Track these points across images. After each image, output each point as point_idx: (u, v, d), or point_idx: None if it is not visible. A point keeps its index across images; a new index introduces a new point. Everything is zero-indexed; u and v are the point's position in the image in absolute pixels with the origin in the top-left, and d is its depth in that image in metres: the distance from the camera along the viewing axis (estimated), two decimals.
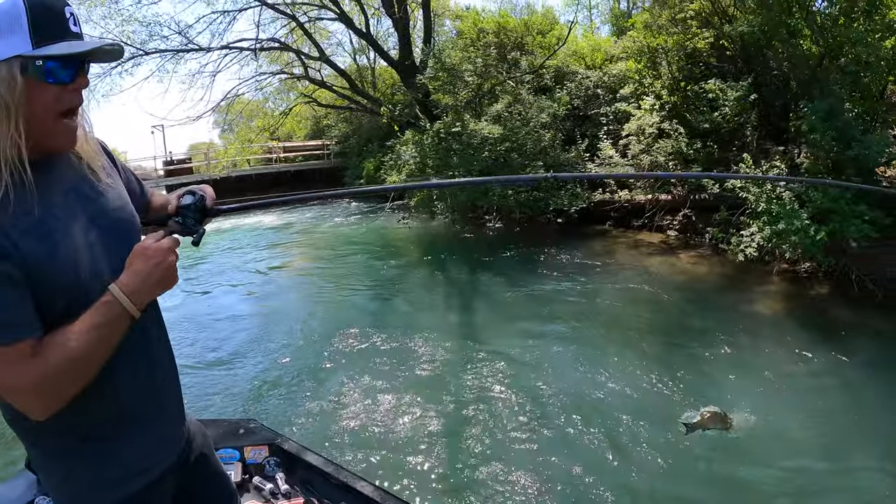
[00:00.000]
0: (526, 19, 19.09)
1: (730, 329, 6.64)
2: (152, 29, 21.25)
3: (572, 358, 6.12)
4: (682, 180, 11.21)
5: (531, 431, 4.60)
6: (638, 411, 4.84)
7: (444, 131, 14.23)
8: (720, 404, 4.80)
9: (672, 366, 5.77)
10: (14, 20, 1.17)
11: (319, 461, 3.07)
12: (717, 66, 12.20)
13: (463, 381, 5.68)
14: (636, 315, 7.43)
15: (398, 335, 7.21)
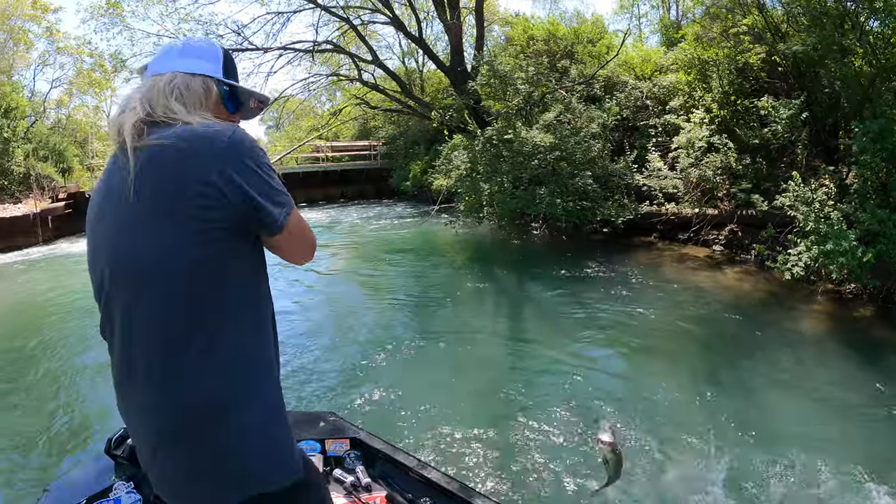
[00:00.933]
0: (576, 28, 19.21)
1: (773, 347, 6.73)
2: (208, 28, 21.88)
3: (617, 370, 6.31)
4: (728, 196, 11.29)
5: (577, 440, 4.75)
6: (679, 425, 4.97)
7: (496, 137, 14.41)
8: (761, 422, 4.94)
9: (715, 381, 5.90)
10: (213, 53, 1.69)
11: (402, 456, 3.08)
12: (767, 82, 12.21)
13: (512, 387, 5.87)
14: (680, 329, 7.54)
15: (446, 340, 7.49)
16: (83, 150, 29.53)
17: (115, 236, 1.43)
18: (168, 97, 1.49)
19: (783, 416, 5.19)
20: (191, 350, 1.37)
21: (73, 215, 22.40)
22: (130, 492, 2.90)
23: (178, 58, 1.61)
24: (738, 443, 4.67)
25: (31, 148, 24.36)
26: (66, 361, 7.65)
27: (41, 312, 10.75)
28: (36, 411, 6.14)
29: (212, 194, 1.35)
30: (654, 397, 5.55)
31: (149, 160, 1.37)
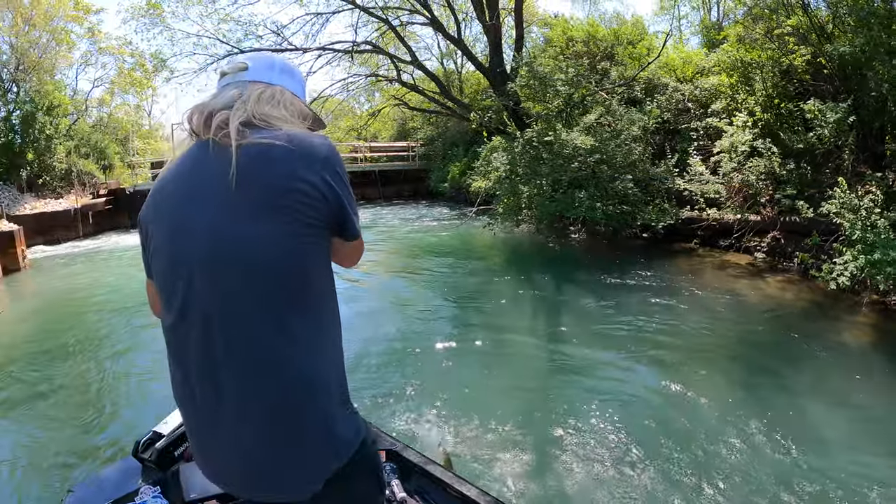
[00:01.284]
0: (616, 29, 19.07)
1: (817, 360, 6.63)
2: (248, 28, 22.24)
3: (655, 377, 6.24)
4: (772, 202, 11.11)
5: (615, 448, 4.73)
6: (719, 438, 4.91)
7: (536, 139, 14.36)
8: (803, 437, 4.86)
9: (756, 393, 5.83)
10: (300, 76, 1.83)
11: (438, 471, 3.03)
12: (812, 85, 11.99)
13: (549, 398, 5.87)
14: (720, 338, 7.46)
15: (483, 346, 7.50)
16: (124, 147, 30.30)
17: (214, 221, 1.47)
18: (276, 107, 1.62)
19: (827, 431, 5.10)
20: (283, 333, 1.47)
21: (114, 211, 23.07)
22: (157, 496, 2.90)
23: (280, 73, 1.73)
24: (779, 458, 4.61)
25: (72, 145, 25.08)
26: (98, 359, 7.82)
27: (77, 307, 11.04)
28: (65, 408, 6.26)
29: (313, 194, 1.47)
30: (693, 409, 5.50)
31: (256, 156, 1.46)
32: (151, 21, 22.63)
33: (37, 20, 25.23)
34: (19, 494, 4.68)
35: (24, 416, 6.14)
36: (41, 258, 16.67)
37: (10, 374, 7.33)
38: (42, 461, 5.14)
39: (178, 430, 3.23)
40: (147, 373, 7.10)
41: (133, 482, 3.00)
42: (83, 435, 5.61)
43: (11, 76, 24.35)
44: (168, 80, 23.91)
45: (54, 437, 5.59)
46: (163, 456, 3.09)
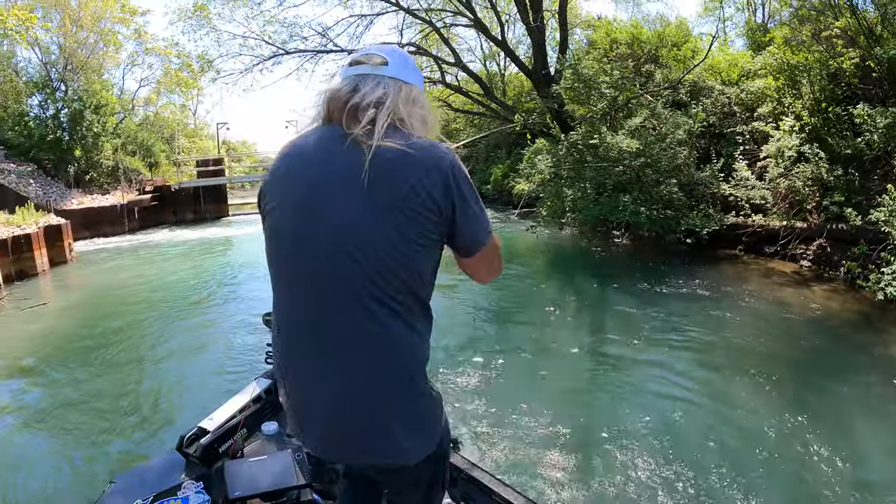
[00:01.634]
0: (659, 31, 18.92)
1: (863, 372, 6.57)
2: (292, 30, 22.53)
3: (698, 389, 6.25)
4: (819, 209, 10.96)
5: (657, 457, 4.76)
6: (762, 450, 4.92)
7: (581, 143, 14.34)
8: (849, 452, 4.84)
9: (798, 403, 5.83)
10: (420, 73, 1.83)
11: (482, 476, 3.03)
12: (860, 88, 11.79)
13: (590, 404, 5.98)
14: (764, 347, 7.42)
15: (525, 350, 7.64)
16: (169, 145, 31.00)
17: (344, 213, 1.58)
18: (415, 109, 1.71)
19: (873, 446, 5.06)
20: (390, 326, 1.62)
21: (159, 208, 23.80)
22: (199, 492, 2.92)
23: (413, 71, 1.78)
24: (822, 471, 4.60)
25: (119, 142, 25.87)
26: (142, 352, 8.12)
27: (122, 301, 11.44)
28: (110, 400, 6.48)
29: (430, 205, 1.55)
30: (736, 421, 5.51)
31: (390, 160, 1.56)
32: (198, 22, 23.09)
33: (84, 21, 26.02)
34: (63, 482, 4.87)
35: (69, 405, 6.38)
36: (87, 252, 17.26)
37: (56, 363, 7.66)
38: (85, 451, 5.35)
39: (223, 426, 3.32)
40: (192, 368, 7.38)
41: (176, 476, 3.03)
42: (127, 427, 5.80)
43: (60, 75, 25.18)
44: (214, 80, 24.35)
45: (98, 427, 5.80)
46: (207, 452, 3.16)
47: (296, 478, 2.86)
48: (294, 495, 2.86)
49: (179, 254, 16.85)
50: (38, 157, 23.22)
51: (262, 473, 2.89)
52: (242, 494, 2.76)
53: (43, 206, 17.52)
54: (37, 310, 10.45)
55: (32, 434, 5.75)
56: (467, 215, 1.61)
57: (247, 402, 3.55)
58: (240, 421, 3.38)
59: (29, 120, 23.47)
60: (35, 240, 13.71)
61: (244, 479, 2.84)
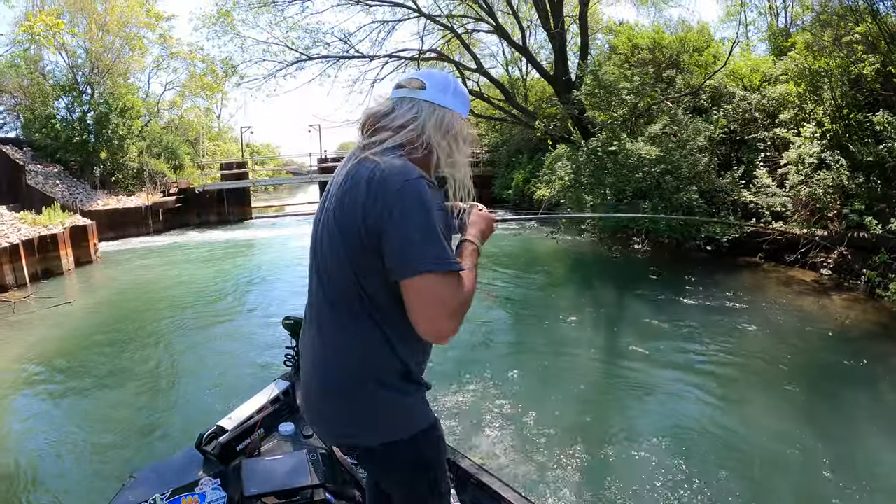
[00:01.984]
0: (681, 36, 18.83)
1: (880, 384, 6.56)
2: (315, 36, 22.73)
3: (713, 398, 6.24)
4: (840, 216, 10.85)
5: (668, 466, 4.76)
6: (775, 463, 4.92)
7: (601, 149, 14.34)
8: (864, 466, 4.82)
9: (815, 417, 5.80)
10: (466, 99, 1.94)
11: (493, 481, 3.04)
12: (882, 94, 11.67)
13: (603, 410, 6.00)
14: (781, 356, 7.38)
15: (540, 355, 7.70)
16: (194, 148, 31.43)
17: (327, 217, 1.77)
18: (448, 140, 1.83)
19: (887, 458, 5.01)
20: (350, 326, 1.75)
21: (183, 210, 24.25)
22: (216, 488, 2.99)
23: (453, 95, 1.86)
24: (836, 485, 4.58)
25: (144, 145, 26.34)
26: (163, 351, 8.30)
27: (145, 300, 11.70)
28: (131, 397, 6.65)
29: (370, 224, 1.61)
30: (750, 431, 5.50)
31: (360, 174, 1.70)
32: (222, 29, 23.38)
33: (110, 26, 26.49)
34: (83, 476, 5.03)
35: (92, 401, 6.59)
36: (112, 252, 17.61)
37: (79, 361, 7.87)
38: (106, 447, 5.51)
39: (241, 425, 3.40)
40: (212, 368, 7.53)
41: (194, 473, 3.12)
42: (148, 424, 5.97)
43: (86, 79, 25.66)
44: (238, 85, 24.68)
45: (120, 424, 5.96)
46: (225, 450, 3.24)
47: (310, 477, 2.94)
48: (308, 494, 2.91)
49: (203, 255, 17.07)
50: (65, 159, 23.73)
51: (277, 472, 2.98)
52: (258, 492, 2.84)
53: (69, 207, 17.85)
54: (62, 308, 10.68)
55: (55, 429, 5.91)
56: (399, 236, 1.58)
57: (265, 402, 3.64)
58: (257, 421, 3.46)
59: (56, 122, 24.00)
60: (61, 240, 14.04)
61: (260, 477, 2.93)
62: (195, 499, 2.96)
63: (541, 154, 20.36)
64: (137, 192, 24.56)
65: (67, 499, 4.69)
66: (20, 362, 7.79)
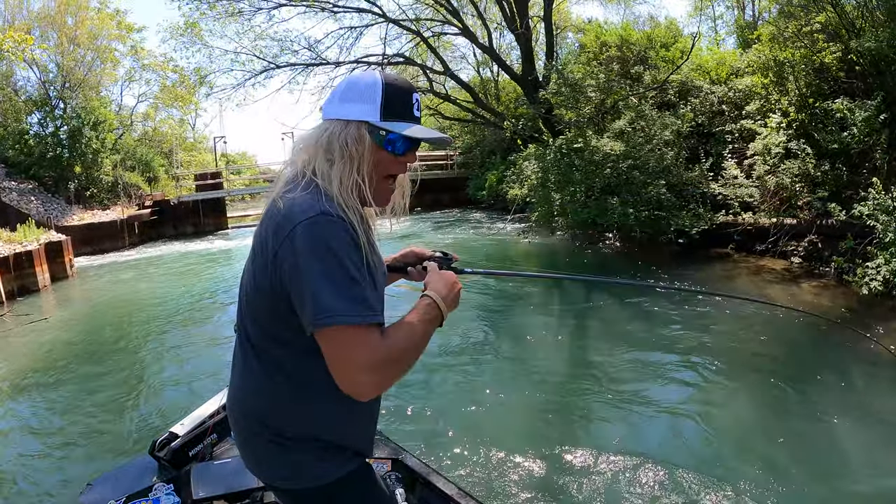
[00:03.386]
0: (649, 32, 18.95)
1: (847, 367, 6.51)
2: (283, 44, 22.86)
3: (681, 390, 6.21)
4: (808, 205, 10.86)
5: (634, 462, 4.68)
6: (743, 450, 4.89)
7: (567, 147, 14.34)
8: (829, 452, 4.81)
9: (782, 405, 5.76)
10: (372, 93, 1.59)
11: (442, 482, 3.05)
12: (845, 82, 11.72)
13: (565, 411, 5.88)
14: (751, 344, 7.37)
15: (504, 355, 7.60)
16: (168, 160, 31.40)
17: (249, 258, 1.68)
18: (317, 155, 1.59)
19: (855, 444, 4.97)
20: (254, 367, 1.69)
21: (158, 222, 24.19)
22: (170, 493, 3.05)
23: (338, 102, 1.62)
24: (804, 473, 4.52)
25: (118, 158, 26.34)
26: (129, 363, 8.24)
27: (118, 315, 11.61)
28: (95, 408, 6.59)
29: (272, 262, 1.50)
30: (719, 421, 5.46)
31: (269, 210, 1.57)
32: (190, 39, 23.38)
33: (81, 39, 26.45)
34: (41, 484, 4.96)
35: (56, 414, 6.54)
36: (88, 267, 17.47)
37: (50, 376, 7.78)
38: (63, 456, 5.49)
39: (193, 431, 3.45)
40: (171, 377, 7.56)
41: (148, 479, 3.17)
42: (107, 433, 5.93)
43: (58, 93, 25.56)
44: (208, 95, 24.72)
45: (80, 434, 5.94)
46: (177, 455, 3.30)
47: (257, 480, 2.91)
48: (258, 497, 2.94)
49: (179, 268, 16.93)
50: (39, 175, 23.63)
51: (226, 475, 3.04)
52: (206, 495, 2.91)
53: (44, 223, 17.72)
54: (38, 324, 10.58)
55: (14, 440, 5.91)
56: (301, 286, 1.45)
57: (216, 408, 3.69)
58: (209, 426, 3.53)
59: (29, 138, 23.95)
60: (36, 256, 13.85)
61: (209, 480, 3.00)
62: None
63: (513, 154, 20.38)
64: (112, 205, 24.47)
65: None
66: None
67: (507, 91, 27.95)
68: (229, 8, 21.72)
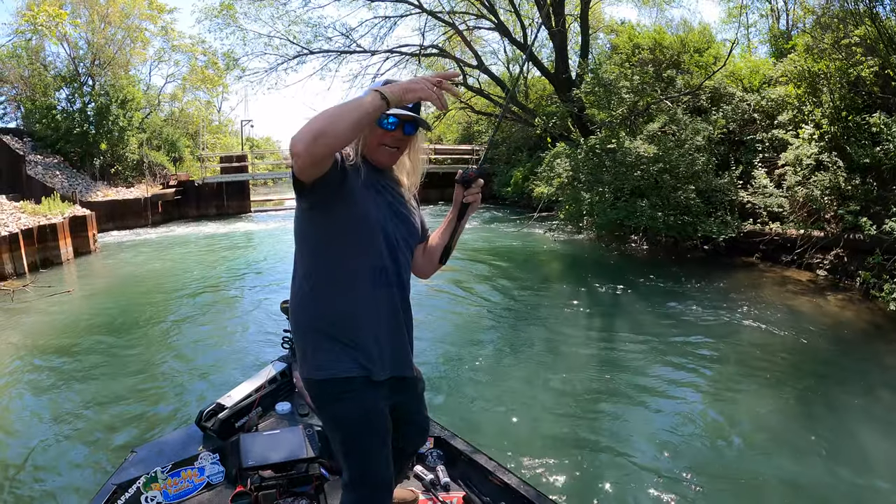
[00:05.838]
0: (682, 36, 18.89)
1: (873, 384, 6.57)
2: (317, 30, 22.86)
3: (705, 394, 6.31)
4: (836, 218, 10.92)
5: (659, 459, 4.79)
6: (766, 455, 4.95)
7: (599, 147, 14.40)
8: (852, 459, 4.87)
9: (807, 416, 5.83)
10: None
11: (483, 459, 3.19)
12: (880, 97, 11.73)
13: (594, 403, 6.02)
14: (775, 356, 7.42)
15: (535, 348, 7.75)
16: (194, 141, 31.50)
17: None
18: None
19: (879, 456, 5.04)
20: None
21: (182, 202, 24.39)
22: (215, 462, 3.16)
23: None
24: (828, 484, 4.60)
25: (144, 137, 26.48)
26: (166, 337, 8.40)
27: (143, 289, 11.79)
28: (132, 379, 6.72)
29: None
30: (742, 429, 5.53)
31: None
32: (224, 21, 23.49)
33: (112, 17, 26.53)
34: (87, 454, 5.10)
35: (93, 384, 6.64)
36: (111, 243, 17.69)
37: (80, 346, 7.94)
38: (108, 427, 5.57)
39: (240, 402, 3.53)
40: (213, 351, 7.70)
41: (193, 448, 3.25)
42: (148, 404, 6.06)
43: (87, 70, 25.70)
44: (240, 78, 24.87)
45: (120, 405, 6.04)
46: (224, 426, 3.38)
47: (306, 451, 3.04)
48: (303, 468, 3.01)
49: (202, 247, 17.11)
50: (65, 150, 23.78)
51: (274, 446, 3.07)
52: (255, 464, 2.94)
53: (69, 198, 17.84)
54: (62, 297, 10.69)
55: (57, 411, 5.96)
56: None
57: (262, 382, 3.76)
58: (255, 399, 3.60)
59: (56, 113, 24.05)
60: (60, 230, 14.04)
61: (257, 450, 3.02)
62: (195, 472, 3.11)
63: (540, 152, 20.41)
64: (137, 183, 24.64)
65: (70, 475, 4.76)
66: (19, 349, 7.82)
67: (536, 89, 27.91)
68: None
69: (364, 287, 2.11)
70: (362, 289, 2.11)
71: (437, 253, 2.42)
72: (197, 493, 3.04)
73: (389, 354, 2.19)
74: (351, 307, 2.11)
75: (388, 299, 2.17)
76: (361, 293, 2.11)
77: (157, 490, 2.98)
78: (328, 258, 2.10)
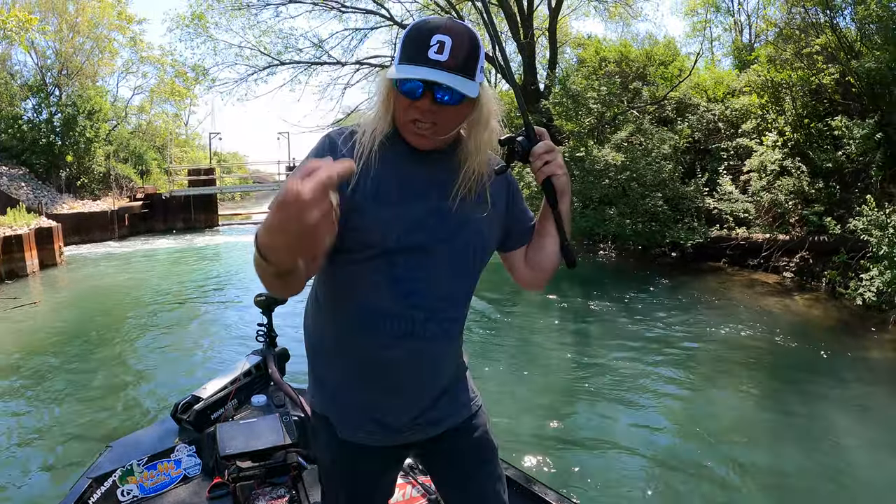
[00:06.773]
0: (648, 49, 19.18)
1: (842, 377, 6.65)
2: (288, 41, 22.85)
3: (679, 396, 6.31)
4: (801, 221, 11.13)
5: (636, 463, 4.80)
6: (742, 454, 4.95)
7: (567, 156, 14.49)
8: (827, 451, 4.93)
9: (780, 411, 5.86)
10: (400, 42, 1.49)
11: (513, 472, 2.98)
12: (841, 104, 12.02)
13: (570, 408, 6.01)
14: (745, 355, 7.49)
15: (505, 356, 7.70)
16: (161, 154, 31.02)
17: None
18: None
19: (850, 447, 5.09)
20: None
21: (149, 215, 23.87)
22: (192, 455, 3.10)
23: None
24: (803, 477, 4.63)
25: (111, 149, 25.98)
26: (138, 339, 8.36)
27: (108, 301, 11.64)
28: (106, 379, 6.69)
29: None
30: (716, 426, 5.54)
31: None
32: (195, 31, 23.37)
33: (81, 27, 26.14)
34: (62, 450, 5.02)
35: (67, 385, 6.57)
36: (77, 255, 17.32)
37: (52, 352, 7.81)
38: (84, 424, 5.51)
39: (216, 395, 3.44)
40: (185, 349, 7.77)
41: (169, 440, 3.18)
42: (123, 401, 6.04)
43: (55, 80, 25.26)
44: (210, 88, 24.67)
45: (94, 403, 6.01)
46: (200, 418, 3.28)
47: (283, 438, 2.98)
48: (281, 457, 2.94)
49: (170, 259, 16.92)
50: (31, 161, 23.25)
51: (251, 434, 3.02)
52: (233, 452, 2.88)
53: (34, 209, 17.51)
54: (29, 308, 10.47)
55: (32, 412, 5.91)
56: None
57: (237, 375, 3.67)
58: (230, 391, 3.51)
59: (22, 123, 23.54)
60: (26, 241, 13.71)
61: (235, 439, 2.97)
62: (171, 465, 3.06)
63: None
64: (103, 196, 24.23)
65: (44, 472, 4.70)
66: None
67: (505, 100, 27.98)
68: (237, 2, 21.77)
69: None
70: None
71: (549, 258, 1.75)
72: (174, 486, 3.00)
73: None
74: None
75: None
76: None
77: (133, 483, 2.94)
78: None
